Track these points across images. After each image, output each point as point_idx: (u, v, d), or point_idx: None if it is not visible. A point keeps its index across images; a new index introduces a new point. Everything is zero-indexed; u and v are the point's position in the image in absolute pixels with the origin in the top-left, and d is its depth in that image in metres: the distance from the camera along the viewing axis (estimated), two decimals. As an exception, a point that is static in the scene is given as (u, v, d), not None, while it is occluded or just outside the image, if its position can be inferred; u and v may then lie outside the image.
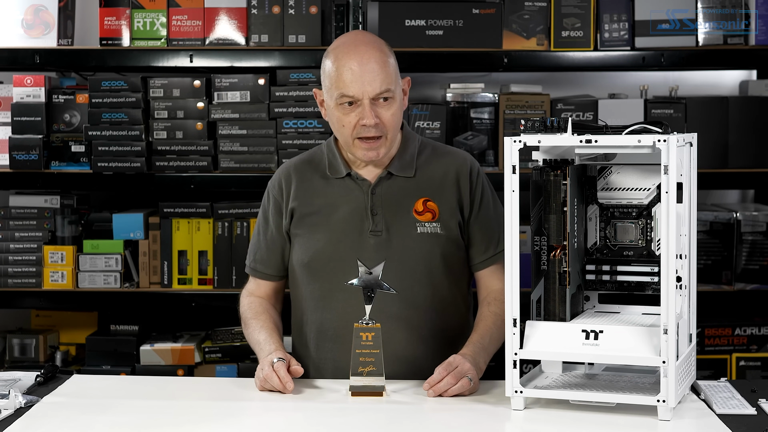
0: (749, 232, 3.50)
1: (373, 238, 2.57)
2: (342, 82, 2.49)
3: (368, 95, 2.49)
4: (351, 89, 2.49)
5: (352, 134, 2.52)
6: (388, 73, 2.51)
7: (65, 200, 3.60)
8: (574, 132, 2.21)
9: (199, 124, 3.48)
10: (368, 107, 2.49)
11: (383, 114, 2.51)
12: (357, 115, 2.50)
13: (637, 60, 3.43)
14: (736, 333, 3.55)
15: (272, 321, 2.65)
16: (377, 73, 2.49)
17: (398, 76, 2.56)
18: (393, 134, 2.55)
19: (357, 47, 2.51)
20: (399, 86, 2.56)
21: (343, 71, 2.49)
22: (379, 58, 2.50)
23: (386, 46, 2.57)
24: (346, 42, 2.55)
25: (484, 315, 2.59)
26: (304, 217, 2.63)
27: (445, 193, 2.62)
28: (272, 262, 2.70)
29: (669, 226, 2.13)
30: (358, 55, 2.49)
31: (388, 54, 2.54)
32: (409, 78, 2.64)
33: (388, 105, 2.52)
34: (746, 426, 2.14)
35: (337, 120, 2.54)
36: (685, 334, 2.32)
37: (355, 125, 2.51)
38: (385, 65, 2.51)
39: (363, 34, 2.64)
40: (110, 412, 2.28)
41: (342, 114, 2.52)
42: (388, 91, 2.50)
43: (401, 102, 2.57)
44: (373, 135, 2.51)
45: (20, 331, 3.73)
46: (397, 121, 2.56)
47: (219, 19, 3.49)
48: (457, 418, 2.23)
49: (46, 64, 3.55)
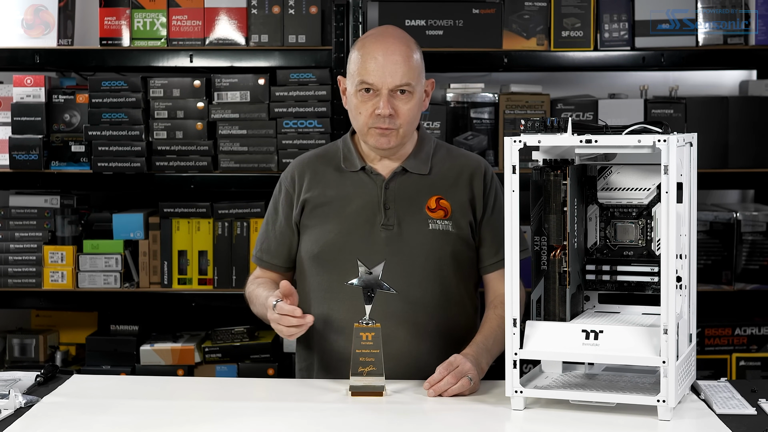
0: (749, 232, 3.50)
1: (384, 231, 2.58)
2: (364, 70, 2.54)
3: (387, 86, 2.52)
4: (371, 77, 2.53)
5: (367, 123, 2.56)
6: (411, 68, 2.55)
7: (65, 200, 3.59)
8: (574, 132, 2.21)
9: (199, 124, 3.48)
10: (386, 97, 2.53)
11: (400, 107, 2.54)
12: (374, 105, 2.54)
13: (637, 60, 3.43)
14: (736, 333, 3.55)
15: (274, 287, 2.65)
16: (400, 65, 2.53)
17: (422, 74, 2.60)
18: (407, 128, 2.57)
19: (385, 39, 2.57)
20: (421, 84, 2.60)
21: (367, 59, 2.54)
22: (404, 52, 2.55)
23: (415, 43, 2.61)
24: (376, 33, 2.62)
25: (490, 317, 2.61)
26: (316, 208, 2.65)
27: (459, 192, 2.63)
28: (279, 253, 2.71)
29: (669, 226, 2.14)
30: (384, 46, 2.54)
31: (414, 50, 2.59)
32: (433, 80, 2.67)
33: (406, 99, 2.55)
34: (746, 426, 2.14)
35: (354, 107, 2.58)
36: (685, 334, 2.32)
37: (371, 114, 2.54)
38: (409, 59, 2.55)
39: (394, 28, 2.66)
40: (110, 412, 2.28)
41: (360, 101, 2.56)
42: (408, 85, 2.54)
43: (421, 100, 2.60)
44: (387, 126, 2.53)
45: (20, 331, 3.73)
46: (413, 117, 2.58)
47: (219, 19, 3.49)
48: (457, 418, 2.23)
49: (46, 64, 3.55)
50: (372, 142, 2.58)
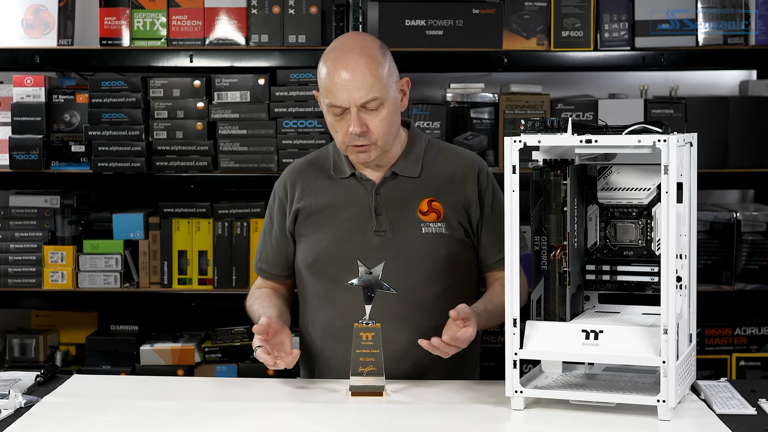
0: (749, 232, 3.50)
1: (377, 238, 2.58)
2: (330, 91, 2.50)
3: (355, 103, 2.49)
4: (338, 98, 2.49)
5: (344, 141, 2.54)
6: (377, 80, 2.49)
7: (65, 200, 3.59)
8: (574, 132, 2.21)
9: (199, 124, 3.48)
10: (355, 115, 2.49)
11: (371, 121, 2.51)
12: (346, 123, 2.51)
13: (637, 60, 3.43)
14: (736, 333, 3.55)
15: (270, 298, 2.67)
16: (363, 81, 2.48)
17: (391, 78, 2.54)
18: (384, 139, 2.55)
19: (346, 54, 2.50)
20: (392, 89, 2.54)
21: (331, 80, 2.50)
22: (365, 65, 2.49)
23: (379, 49, 2.55)
24: (337, 48, 2.55)
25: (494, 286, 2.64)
26: (309, 216, 2.64)
27: (451, 193, 2.62)
28: (277, 262, 2.71)
29: (669, 226, 2.14)
30: (344, 63, 2.49)
31: (379, 59, 2.52)
32: (408, 79, 2.63)
33: (377, 112, 2.51)
34: (746, 426, 2.14)
35: (330, 125, 2.57)
36: (685, 334, 2.32)
37: (345, 132, 2.52)
38: (373, 72, 2.49)
39: (355, 37, 2.61)
40: (110, 412, 2.28)
41: (333, 121, 2.54)
42: (375, 99, 2.49)
43: (395, 104, 2.56)
44: (362, 143, 2.52)
45: (20, 331, 3.73)
46: (388, 126, 2.54)
47: (219, 19, 3.49)
48: (457, 418, 2.23)
49: (46, 64, 3.55)
50: (353, 158, 2.59)
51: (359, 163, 2.59)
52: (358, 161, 2.58)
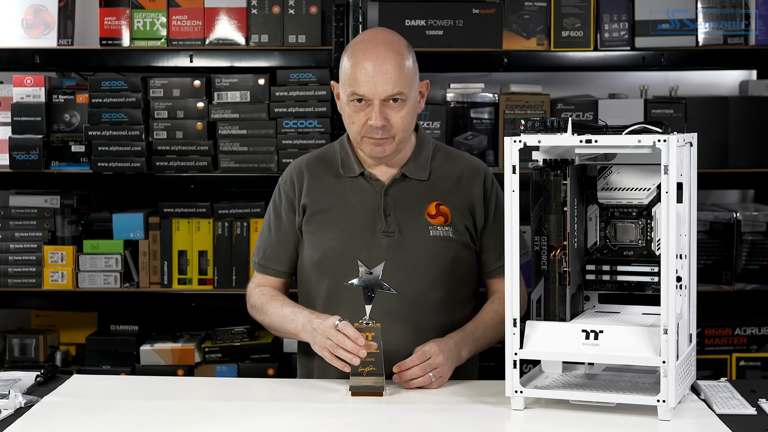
0: (749, 232, 3.50)
1: (385, 238, 2.58)
2: (355, 81, 2.50)
3: (379, 96, 2.49)
4: (362, 88, 2.49)
5: (361, 132, 2.54)
6: (403, 75, 2.51)
7: (65, 200, 3.59)
8: (574, 132, 2.21)
9: (199, 124, 3.48)
10: (377, 108, 2.50)
11: (392, 116, 2.51)
12: (366, 115, 2.51)
13: (637, 60, 3.43)
14: (736, 333, 3.55)
15: (285, 298, 2.66)
16: (391, 75, 2.49)
17: (415, 78, 2.56)
18: (402, 136, 2.55)
19: (375, 46, 2.52)
20: (414, 88, 2.56)
21: (357, 70, 2.50)
22: (394, 60, 2.50)
23: (406, 46, 2.57)
24: (365, 39, 2.56)
25: (486, 310, 2.64)
26: (315, 215, 2.64)
27: (458, 197, 2.63)
28: (284, 258, 2.69)
29: (669, 226, 2.14)
30: (373, 55, 2.50)
31: (406, 56, 2.54)
32: (428, 81, 2.65)
33: (399, 107, 2.52)
34: (746, 426, 2.14)
35: (347, 116, 2.56)
36: (685, 334, 2.32)
37: (363, 124, 2.52)
38: (401, 67, 2.51)
39: (384, 32, 2.61)
40: (110, 412, 2.28)
41: (352, 111, 2.54)
42: (401, 94, 2.50)
43: (415, 104, 2.57)
44: (381, 136, 2.51)
45: (20, 331, 3.73)
46: (408, 124, 2.55)
47: (219, 19, 3.49)
48: (457, 418, 2.23)
49: (46, 64, 3.55)
50: (367, 151, 2.57)
51: (373, 156, 2.57)
52: (373, 154, 2.56)
